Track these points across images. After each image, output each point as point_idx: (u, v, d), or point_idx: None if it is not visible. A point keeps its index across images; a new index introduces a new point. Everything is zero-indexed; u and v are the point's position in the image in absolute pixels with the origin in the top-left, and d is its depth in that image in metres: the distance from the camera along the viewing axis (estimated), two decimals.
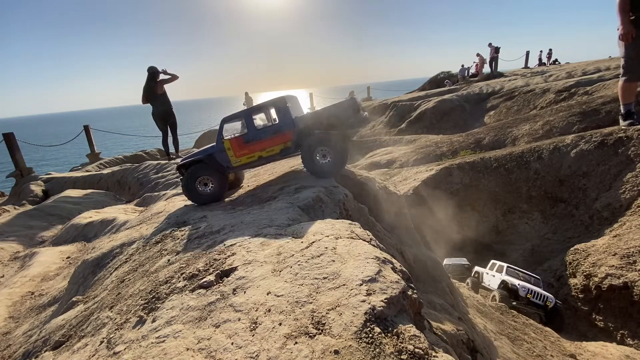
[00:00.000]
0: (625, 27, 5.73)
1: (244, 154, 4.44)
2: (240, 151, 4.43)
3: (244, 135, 4.40)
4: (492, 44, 22.45)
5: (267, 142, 4.39)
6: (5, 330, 3.77)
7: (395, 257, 2.75)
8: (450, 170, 10.33)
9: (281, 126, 4.36)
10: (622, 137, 8.24)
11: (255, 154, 4.43)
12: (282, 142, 4.39)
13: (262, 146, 4.40)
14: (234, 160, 4.47)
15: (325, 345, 1.55)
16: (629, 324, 6.18)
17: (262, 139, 4.38)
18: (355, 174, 5.33)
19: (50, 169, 22.24)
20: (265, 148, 4.41)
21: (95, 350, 2.15)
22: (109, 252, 3.92)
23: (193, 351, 1.73)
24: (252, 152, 4.43)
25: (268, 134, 4.39)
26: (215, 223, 3.43)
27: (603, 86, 14.09)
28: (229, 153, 4.44)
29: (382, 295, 1.78)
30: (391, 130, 19.88)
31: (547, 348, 5.35)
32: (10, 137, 10.74)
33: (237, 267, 2.37)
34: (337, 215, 3.59)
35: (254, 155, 4.44)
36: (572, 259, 7.39)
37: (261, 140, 4.38)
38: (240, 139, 4.41)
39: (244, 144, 4.40)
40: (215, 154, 4.48)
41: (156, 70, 6.75)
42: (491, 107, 17.91)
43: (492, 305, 6.41)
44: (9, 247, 6.36)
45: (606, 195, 8.04)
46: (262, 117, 4.75)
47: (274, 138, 4.38)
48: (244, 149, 4.42)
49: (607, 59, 19.73)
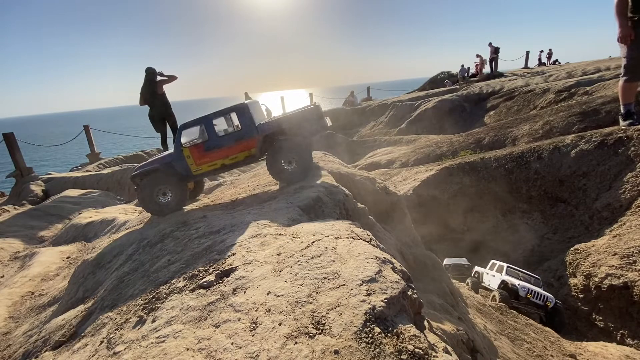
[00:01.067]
0: (623, 30, 5.74)
1: (205, 161, 4.28)
2: (200, 159, 4.27)
3: (205, 143, 4.24)
4: (492, 43, 22.45)
5: (230, 150, 4.26)
6: (5, 330, 3.77)
7: (395, 257, 2.75)
8: (450, 170, 10.33)
9: (245, 133, 4.25)
10: (622, 137, 8.24)
11: (218, 162, 4.29)
12: (246, 149, 4.27)
13: (225, 153, 4.26)
14: (194, 168, 4.30)
15: (325, 345, 1.55)
16: (629, 324, 6.18)
17: (224, 146, 4.25)
18: (355, 174, 5.33)
19: (50, 169, 22.23)
20: (228, 155, 4.28)
21: (95, 350, 2.16)
22: (109, 252, 3.92)
23: (193, 351, 1.73)
24: (213, 160, 4.28)
25: (231, 141, 4.26)
26: (215, 223, 3.43)
27: (603, 86, 14.08)
28: (189, 161, 4.27)
29: (382, 295, 1.78)
30: (391, 130, 19.87)
31: (547, 348, 5.35)
32: (10, 137, 10.73)
33: (237, 267, 2.37)
34: (337, 215, 3.59)
35: (216, 163, 4.30)
36: (572, 259, 7.39)
37: (223, 148, 4.25)
38: (200, 147, 4.25)
39: (204, 152, 4.25)
40: (173, 162, 4.29)
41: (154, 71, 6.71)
42: (491, 107, 17.91)
43: (492, 305, 6.41)
44: (9, 247, 6.36)
45: (606, 195, 8.04)
46: (223, 124, 4.58)
47: (237, 145, 4.25)
48: (205, 157, 4.26)
49: (607, 59, 19.73)
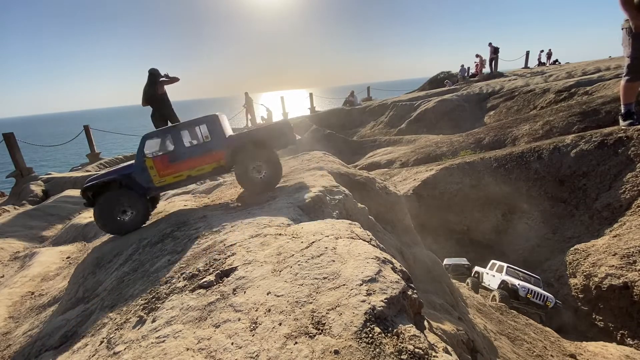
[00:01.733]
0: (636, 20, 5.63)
1: (170, 173, 4.22)
2: (165, 170, 4.20)
3: (170, 154, 4.19)
4: (492, 43, 22.45)
5: (197, 161, 4.24)
6: (5, 330, 3.77)
7: (395, 257, 2.75)
8: (450, 170, 10.33)
9: (214, 145, 4.24)
10: (622, 137, 8.25)
11: (184, 173, 4.25)
12: (215, 161, 4.27)
13: (192, 165, 4.23)
14: (157, 180, 4.22)
15: (325, 345, 1.55)
16: (629, 324, 6.19)
17: (191, 157, 4.21)
18: (355, 174, 5.34)
19: (50, 169, 22.24)
20: (195, 167, 4.25)
21: (95, 350, 2.16)
22: (109, 252, 3.92)
23: (193, 351, 1.73)
24: (179, 171, 4.23)
25: (199, 152, 4.24)
26: (215, 223, 3.43)
27: (603, 86, 14.08)
28: (152, 172, 4.18)
29: (382, 295, 1.78)
30: (391, 130, 19.87)
31: (547, 348, 5.35)
32: (10, 137, 10.73)
33: (237, 267, 2.37)
34: (337, 215, 3.59)
35: (182, 174, 4.25)
36: (572, 259, 7.39)
37: (190, 159, 4.21)
38: (165, 158, 4.18)
39: (169, 163, 4.18)
40: (133, 173, 4.17)
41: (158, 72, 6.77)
42: (491, 107, 17.91)
43: (492, 305, 6.41)
44: (9, 247, 6.35)
45: (606, 195, 8.04)
46: (191, 135, 4.53)
47: (206, 156, 4.24)
48: (170, 168, 4.20)
49: (607, 59, 19.72)
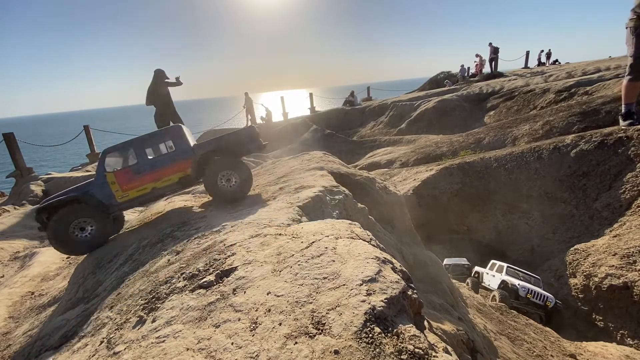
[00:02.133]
0: None
1: (134, 186, 4.08)
2: (128, 184, 4.06)
3: (133, 166, 4.08)
4: (492, 43, 22.45)
5: (162, 172, 4.12)
6: (5, 330, 3.77)
7: (395, 257, 2.75)
8: (450, 170, 10.33)
9: (178, 154, 4.16)
10: (622, 137, 8.24)
11: (148, 186, 4.12)
12: (181, 171, 4.18)
13: (157, 176, 4.11)
14: (120, 195, 4.07)
15: (325, 345, 1.55)
16: (629, 324, 6.18)
17: (156, 169, 4.11)
18: (355, 174, 5.34)
19: (50, 169, 22.24)
20: (161, 178, 4.14)
21: (95, 350, 2.16)
22: (109, 252, 3.92)
23: (193, 351, 1.73)
24: (143, 184, 4.11)
25: (163, 163, 4.13)
26: (215, 223, 3.43)
27: (603, 86, 14.08)
28: (113, 187, 4.04)
29: (382, 295, 1.78)
30: (391, 130, 19.87)
31: (547, 348, 5.35)
32: (10, 137, 10.73)
33: (237, 267, 2.37)
34: (337, 215, 3.59)
35: (146, 187, 4.12)
36: (572, 259, 7.39)
37: (155, 170, 4.10)
38: (128, 171, 4.07)
39: (133, 176, 4.06)
40: (92, 189, 4.02)
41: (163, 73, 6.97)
42: (491, 107, 17.91)
43: (492, 305, 6.41)
44: (9, 247, 6.36)
45: (606, 195, 8.04)
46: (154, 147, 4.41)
47: (171, 167, 4.14)
48: (134, 181, 4.07)
49: (607, 59, 19.71)
